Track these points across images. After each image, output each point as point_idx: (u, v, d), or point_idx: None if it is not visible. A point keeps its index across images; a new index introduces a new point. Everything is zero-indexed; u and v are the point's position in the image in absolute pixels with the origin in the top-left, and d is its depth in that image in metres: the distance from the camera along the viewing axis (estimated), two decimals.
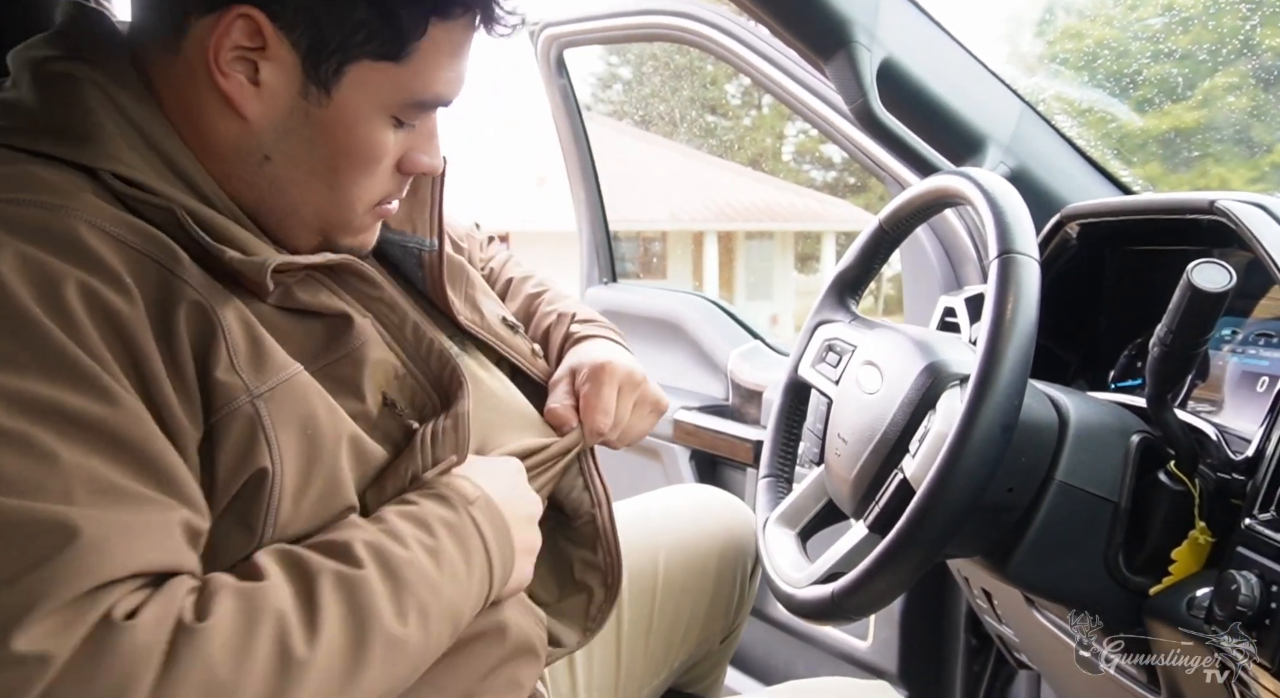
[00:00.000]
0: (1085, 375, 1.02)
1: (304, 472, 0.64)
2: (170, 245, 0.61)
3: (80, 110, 0.63)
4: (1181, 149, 1.95)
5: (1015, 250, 0.70)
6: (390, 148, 0.71)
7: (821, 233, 12.70)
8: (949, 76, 1.10)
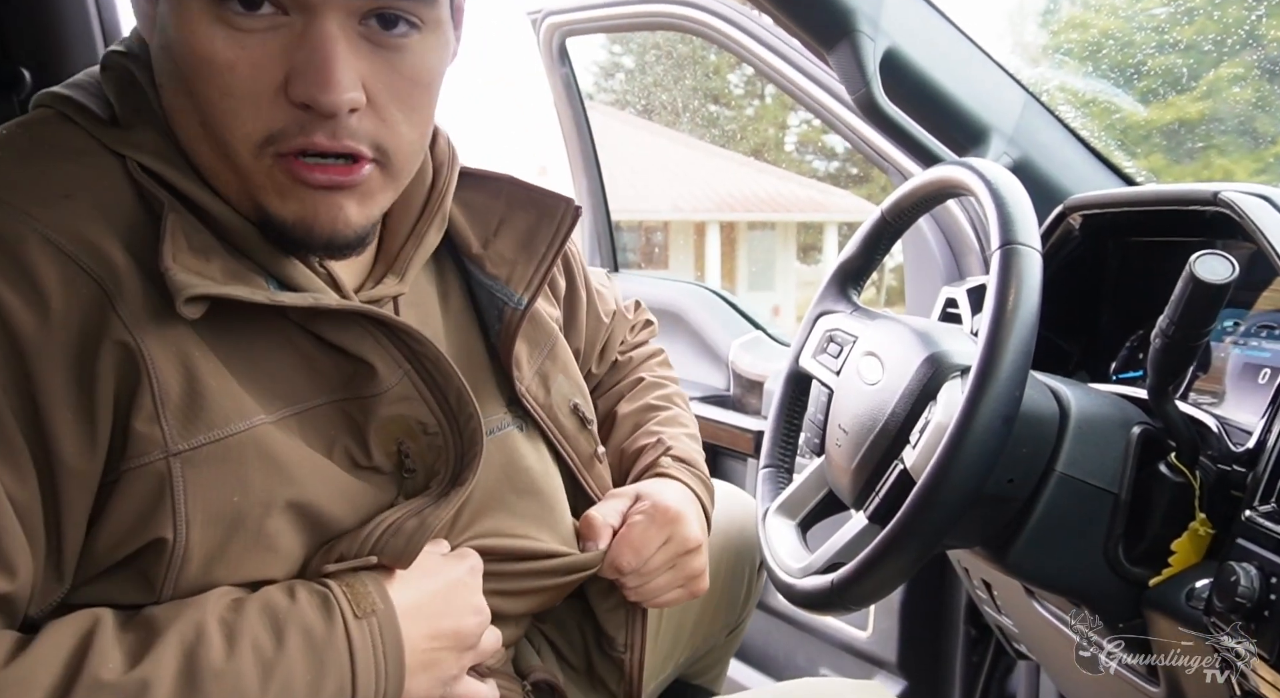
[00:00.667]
0: (1087, 367, 1.02)
1: (219, 542, 0.58)
2: (113, 269, 0.56)
3: (125, 98, 0.62)
4: (1185, 141, 1.94)
5: (1018, 241, 0.70)
6: (225, 52, 0.57)
7: (824, 223, 12.68)
8: (952, 66, 1.10)
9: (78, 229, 0.56)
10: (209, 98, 0.58)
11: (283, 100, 0.58)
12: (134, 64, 0.64)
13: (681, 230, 11.63)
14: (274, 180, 0.60)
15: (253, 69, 0.57)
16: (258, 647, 0.57)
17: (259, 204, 0.61)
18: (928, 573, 1.39)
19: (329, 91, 0.57)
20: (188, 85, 0.58)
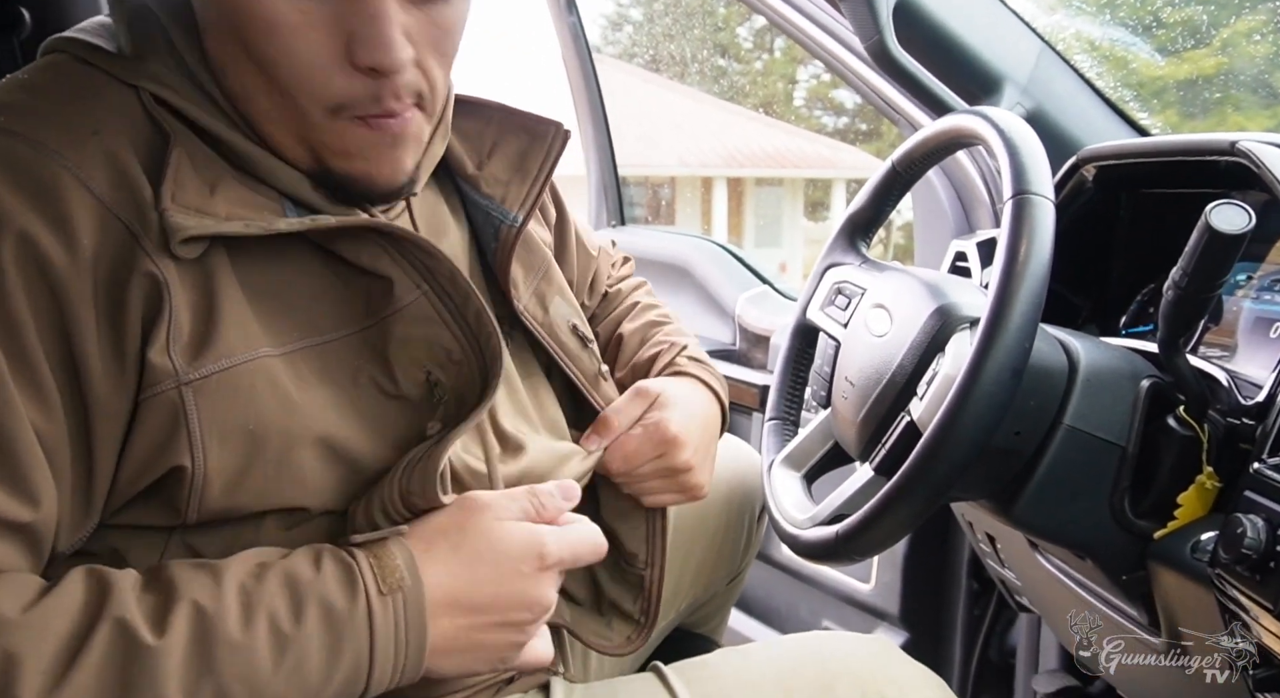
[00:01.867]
0: (1097, 320, 1.02)
1: (238, 468, 0.59)
2: (141, 206, 0.58)
3: (142, 32, 0.63)
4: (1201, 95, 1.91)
5: (1031, 191, 0.69)
6: (291, 18, 0.58)
7: (832, 180, 12.57)
8: (966, 14, 1.07)
9: (106, 167, 0.58)
10: (271, 57, 0.60)
11: (347, 68, 0.60)
12: (162, 10, 0.64)
13: (688, 186, 11.55)
14: (344, 141, 0.63)
15: (316, 33, 0.59)
16: (274, 620, 0.56)
17: (321, 158, 0.64)
18: (931, 526, 1.40)
19: (390, 52, 0.59)
20: (243, 39, 0.60)
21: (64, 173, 0.56)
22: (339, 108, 0.61)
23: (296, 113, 0.62)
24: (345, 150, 0.64)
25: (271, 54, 0.60)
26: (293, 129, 0.63)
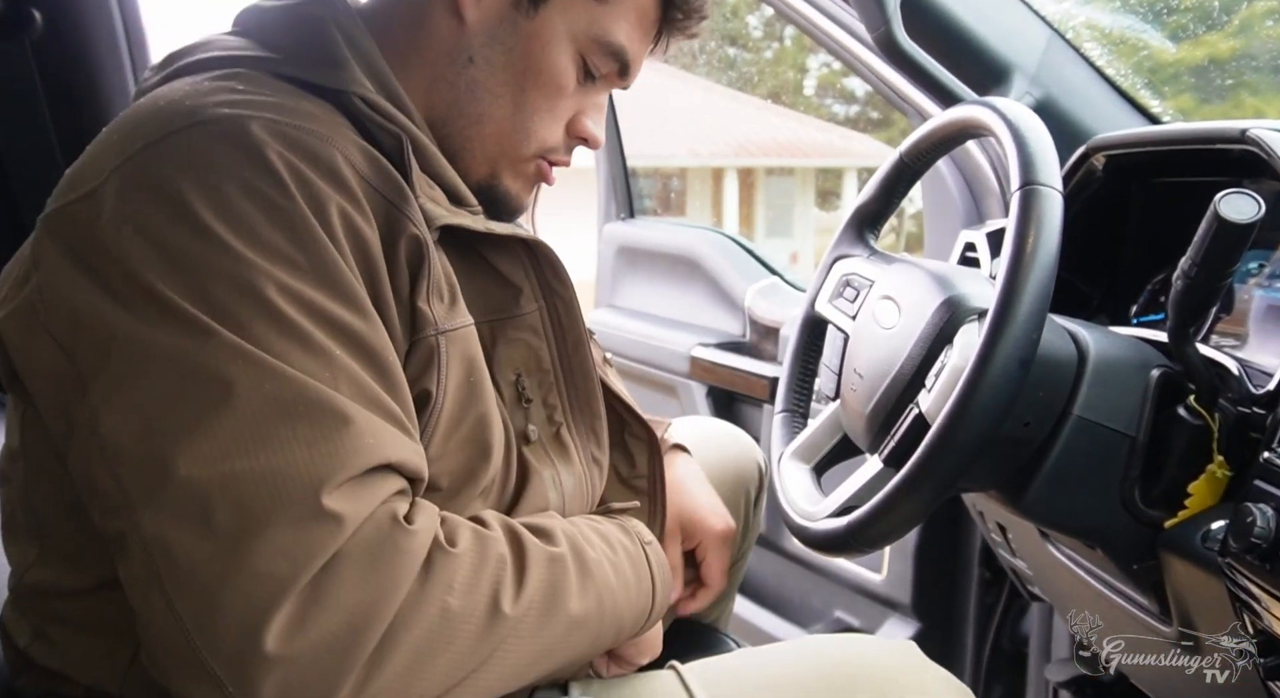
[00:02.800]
0: (1107, 310, 1.01)
1: (460, 411, 0.67)
2: (397, 180, 0.66)
3: (330, 43, 0.71)
4: (1216, 79, 1.89)
5: (1038, 182, 0.69)
6: (570, 85, 0.76)
7: (843, 169, 12.52)
8: (974, 3, 1.07)
9: (358, 151, 0.65)
10: (534, 104, 0.76)
11: (563, 128, 0.79)
12: (333, 16, 0.72)
13: (699, 177, 11.52)
14: (525, 173, 0.79)
15: (569, 103, 0.78)
16: (603, 549, 0.72)
17: (498, 176, 0.78)
18: (942, 516, 1.40)
19: (602, 134, 0.82)
20: (520, 84, 0.75)
21: (337, 154, 0.63)
22: (544, 149, 0.78)
23: (515, 145, 0.77)
24: (526, 179, 0.80)
25: (536, 100, 0.76)
26: (493, 153, 0.77)
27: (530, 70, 0.75)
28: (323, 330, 0.58)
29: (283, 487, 0.54)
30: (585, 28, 0.75)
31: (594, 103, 0.79)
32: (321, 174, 0.62)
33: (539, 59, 0.75)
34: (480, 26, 0.74)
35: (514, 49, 0.75)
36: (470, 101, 0.76)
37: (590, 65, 0.77)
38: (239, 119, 0.61)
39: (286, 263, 0.58)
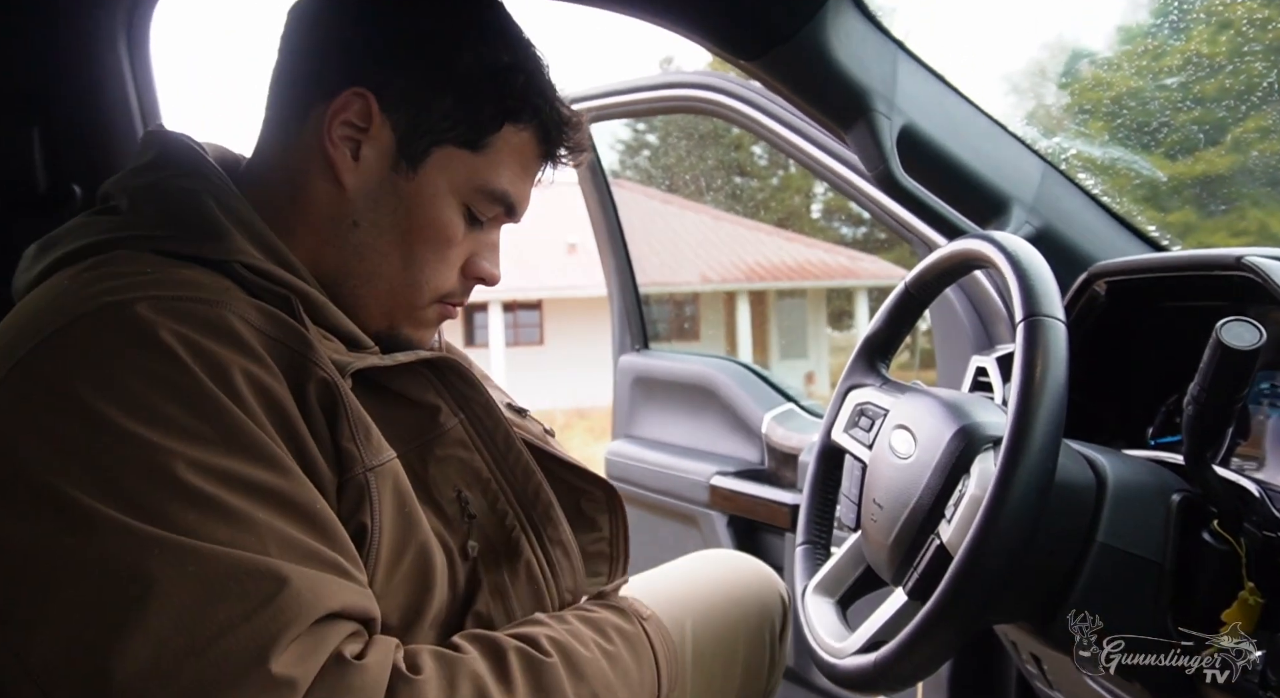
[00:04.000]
0: (1123, 432, 1.01)
1: (399, 542, 0.67)
2: (297, 329, 0.67)
3: (206, 215, 0.71)
4: (1217, 193, 1.94)
5: (1041, 313, 0.70)
6: (459, 235, 0.78)
7: (854, 289, 12.70)
8: (969, 140, 1.12)
9: (251, 308, 0.66)
10: (424, 258, 0.77)
11: (458, 271, 0.81)
12: (207, 187, 0.73)
13: (711, 301, 11.70)
14: (424, 319, 0.81)
15: (460, 249, 0.79)
16: (597, 643, 0.73)
17: (397, 327, 0.79)
18: (976, 647, 1.36)
19: (498, 272, 0.83)
20: (408, 243, 0.77)
21: (231, 316, 0.64)
22: (443, 297, 0.80)
23: (410, 297, 0.78)
24: (426, 324, 0.81)
25: (425, 254, 0.77)
26: (388, 307, 0.78)
27: (416, 227, 0.76)
28: (241, 497, 0.58)
29: (228, 665, 0.53)
30: (466, 179, 0.76)
31: (486, 243, 0.81)
32: (219, 340, 0.62)
33: (423, 216, 0.76)
34: (360, 191, 0.75)
35: (397, 209, 0.76)
36: (359, 262, 0.76)
37: (476, 212, 0.78)
38: (123, 305, 0.61)
39: (192, 437, 0.58)
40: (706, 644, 1.06)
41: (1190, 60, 1.73)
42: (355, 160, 0.75)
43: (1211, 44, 1.75)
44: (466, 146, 0.76)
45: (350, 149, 0.75)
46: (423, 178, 0.76)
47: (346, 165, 0.75)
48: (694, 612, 1.08)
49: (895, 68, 1.08)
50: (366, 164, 0.75)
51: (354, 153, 0.75)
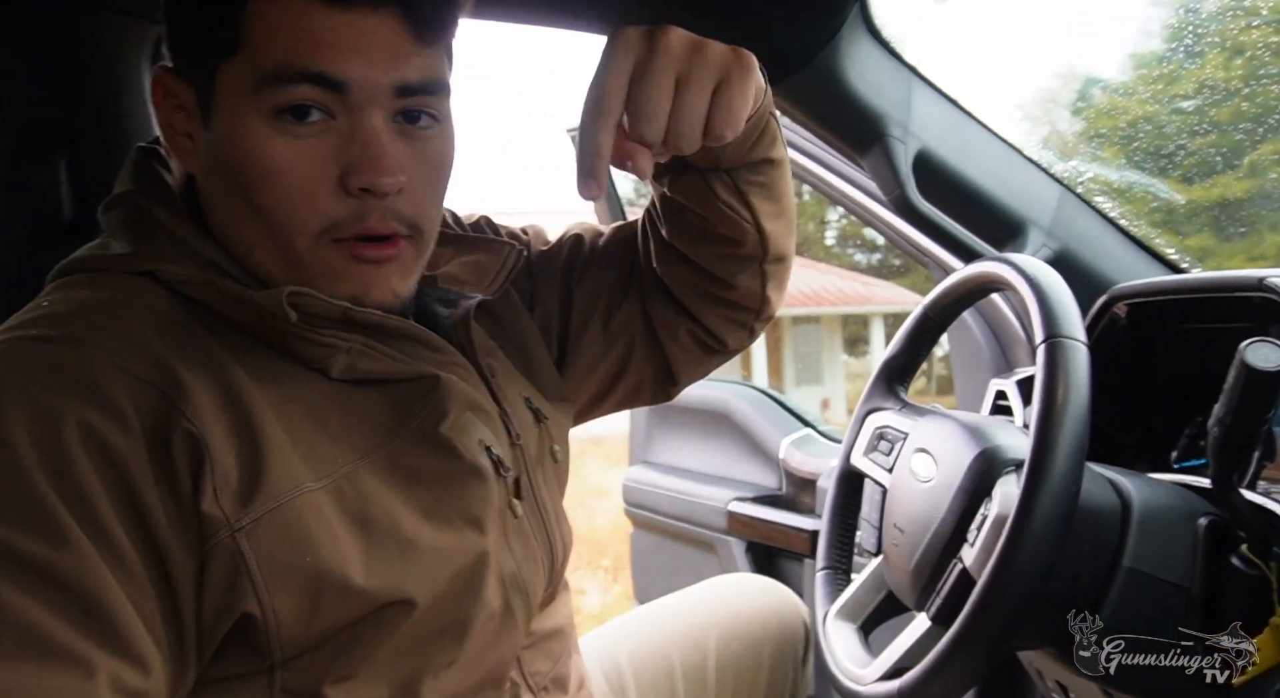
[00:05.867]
0: (1146, 456, 1.00)
1: (309, 605, 0.61)
2: (178, 375, 0.61)
3: (141, 230, 0.68)
4: (1235, 217, 1.93)
5: (1062, 334, 0.70)
6: (285, 155, 0.63)
7: (869, 315, 12.67)
8: (984, 164, 1.12)
9: (132, 343, 0.61)
10: (269, 200, 0.64)
11: (339, 193, 0.65)
12: (144, 198, 0.69)
13: None
14: (328, 265, 0.66)
15: (309, 168, 0.64)
16: None
17: (313, 288, 0.66)
18: (1001, 675, 1.34)
19: (385, 174, 0.64)
20: (246, 193, 0.65)
21: (96, 354, 0.59)
22: (323, 230, 0.65)
23: (286, 247, 0.65)
24: (331, 273, 0.66)
25: (268, 195, 0.64)
26: (285, 271, 0.66)
27: (237, 174, 0.65)
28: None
29: None
30: (245, 84, 0.63)
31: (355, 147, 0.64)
32: (60, 388, 0.57)
33: (235, 157, 0.64)
34: (200, 170, 0.68)
35: (221, 168, 0.66)
36: (234, 243, 0.68)
37: (281, 106, 0.63)
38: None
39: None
40: (729, 668, 1.05)
41: (1205, 85, 1.73)
42: (191, 142, 0.68)
43: (1226, 69, 1.75)
44: (230, 53, 0.64)
45: (185, 134, 0.68)
46: (217, 115, 0.65)
47: (187, 153, 0.68)
48: (717, 635, 1.07)
49: (910, 93, 1.09)
50: (198, 138, 0.67)
51: (188, 134, 0.68)
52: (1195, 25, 1.65)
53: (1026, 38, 8.73)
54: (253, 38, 0.63)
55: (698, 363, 0.94)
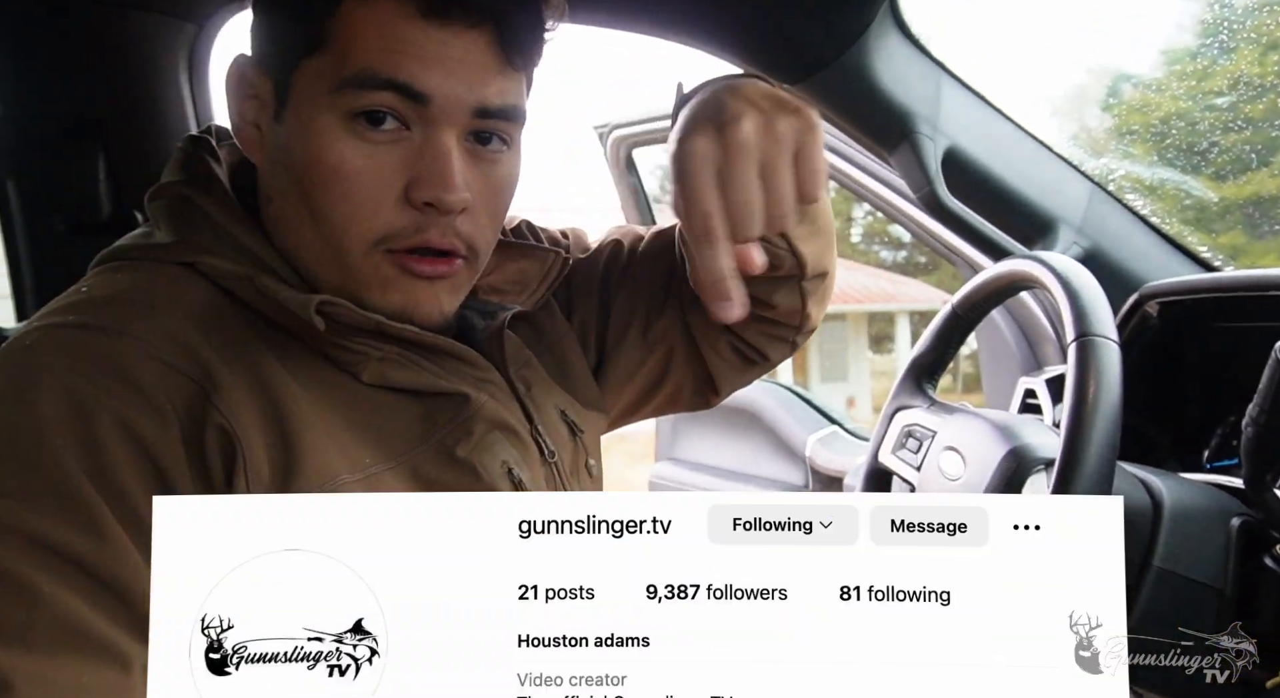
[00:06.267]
0: (1178, 455, 0.99)
1: None
2: (212, 368, 0.61)
3: (185, 220, 0.68)
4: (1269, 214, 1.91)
5: (1093, 332, 0.70)
6: (355, 161, 0.63)
7: (895, 313, 12.60)
8: (1014, 161, 1.11)
9: (169, 334, 0.61)
10: (330, 201, 0.64)
11: (401, 204, 0.64)
12: (190, 188, 0.69)
13: None
14: (380, 274, 0.66)
15: (377, 175, 0.64)
16: None
17: (360, 298, 0.66)
18: None
19: (451, 191, 0.64)
20: (307, 192, 0.65)
21: (134, 345, 0.60)
22: (380, 240, 0.64)
23: (340, 253, 0.65)
24: (383, 282, 0.65)
25: (329, 197, 0.64)
26: (335, 275, 0.66)
27: (304, 171, 0.64)
28: (26, 560, 0.53)
29: None
30: (324, 84, 0.63)
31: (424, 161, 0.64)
32: (100, 376, 0.58)
33: (304, 153, 0.64)
34: (266, 161, 0.68)
35: (287, 162, 0.66)
36: (284, 239, 0.68)
37: (357, 112, 0.63)
38: (37, 333, 0.60)
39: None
40: None
41: (1239, 81, 1.71)
42: (259, 133, 0.68)
43: (1261, 65, 1.73)
44: (315, 50, 0.64)
45: (254, 124, 0.68)
46: (293, 110, 0.65)
47: (253, 143, 0.68)
48: None
49: (939, 90, 1.08)
50: (266, 131, 0.67)
51: (257, 125, 0.68)
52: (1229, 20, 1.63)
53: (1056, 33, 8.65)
54: (340, 39, 0.63)
55: (738, 373, 0.93)
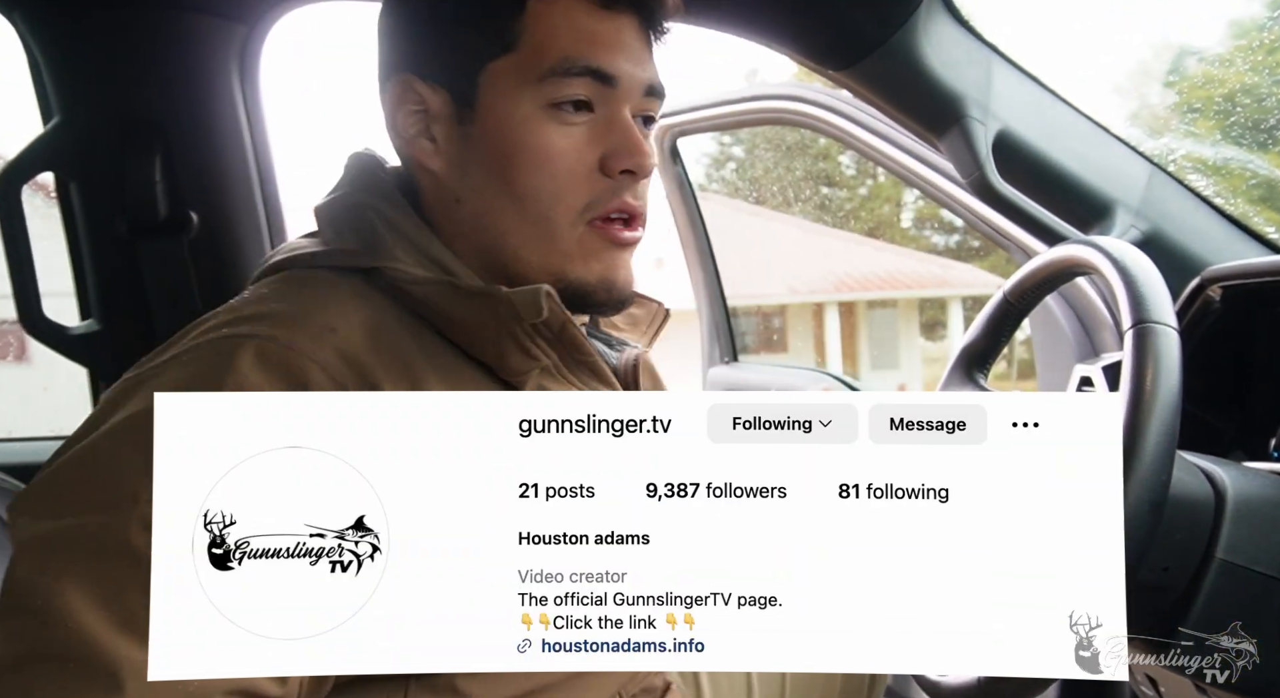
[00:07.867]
0: (1243, 444, 0.97)
1: None
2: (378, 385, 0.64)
3: (366, 225, 0.72)
4: None
5: (1151, 319, 0.68)
6: (558, 142, 0.70)
7: (946, 299, 12.40)
8: (1068, 144, 1.09)
9: (343, 354, 0.64)
10: (538, 181, 0.71)
11: (597, 175, 0.72)
12: (369, 197, 0.73)
13: (799, 314, 11.57)
14: (585, 244, 0.72)
15: (576, 153, 0.71)
16: None
17: (563, 272, 0.72)
18: None
19: (644, 156, 0.72)
20: (510, 180, 0.71)
21: (312, 366, 0.62)
22: (584, 208, 0.71)
23: (548, 227, 0.71)
24: (586, 253, 0.72)
25: (536, 178, 0.70)
26: (538, 258, 0.72)
27: (506, 161, 0.70)
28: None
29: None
30: (522, 79, 0.70)
31: (613, 134, 0.71)
32: (282, 385, 0.61)
33: (506, 146, 0.70)
34: (448, 165, 0.73)
35: (482, 159, 0.72)
36: (483, 234, 0.73)
37: (560, 100, 0.70)
38: (223, 343, 0.62)
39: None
40: None
41: None
42: (434, 143, 0.73)
43: None
44: (505, 51, 0.70)
45: (427, 136, 0.73)
46: (484, 110, 0.71)
47: (428, 153, 0.73)
48: None
49: (990, 72, 1.06)
50: (442, 141, 0.73)
51: (427, 134, 0.73)
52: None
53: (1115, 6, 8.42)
54: (533, 37, 0.70)
55: None
